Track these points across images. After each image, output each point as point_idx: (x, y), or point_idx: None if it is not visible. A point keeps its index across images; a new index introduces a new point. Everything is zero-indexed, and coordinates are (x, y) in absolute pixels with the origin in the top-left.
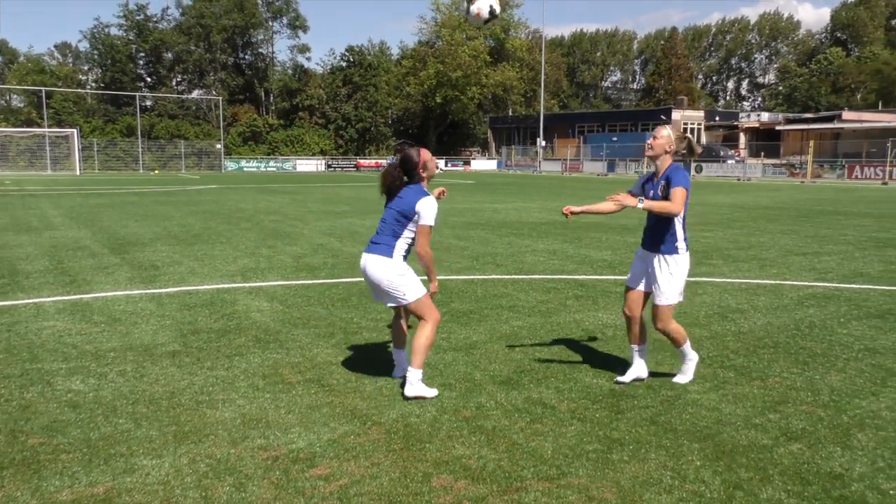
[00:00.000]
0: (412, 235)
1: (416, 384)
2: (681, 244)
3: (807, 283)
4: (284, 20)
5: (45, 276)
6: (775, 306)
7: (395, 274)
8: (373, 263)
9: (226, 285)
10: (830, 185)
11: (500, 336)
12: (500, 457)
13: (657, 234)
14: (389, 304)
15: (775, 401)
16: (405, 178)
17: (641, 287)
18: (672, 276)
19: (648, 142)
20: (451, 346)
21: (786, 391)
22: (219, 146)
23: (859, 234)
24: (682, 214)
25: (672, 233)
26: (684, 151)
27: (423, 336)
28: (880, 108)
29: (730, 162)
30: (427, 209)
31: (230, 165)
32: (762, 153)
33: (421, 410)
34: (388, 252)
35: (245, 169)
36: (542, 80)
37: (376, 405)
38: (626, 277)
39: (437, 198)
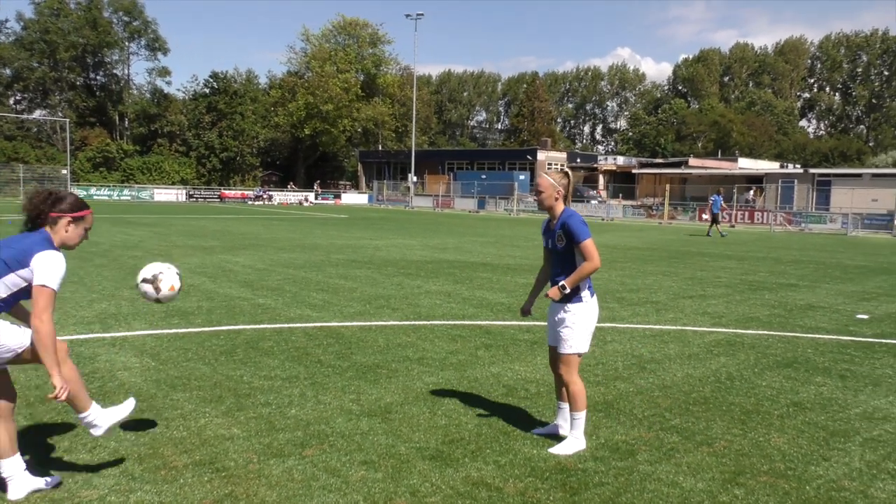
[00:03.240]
0: (9, 291)
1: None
2: (584, 291)
3: (707, 329)
4: (142, 41)
5: None
6: (687, 355)
7: None
8: None
9: (81, 336)
10: (685, 226)
11: (416, 396)
12: None
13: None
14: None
15: (732, 471)
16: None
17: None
18: (574, 324)
19: (534, 197)
20: (365, 411)
21: (738, 458)
22: (64, 172)
23: (731, 277)
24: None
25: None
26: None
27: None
28: (719, 156)
29: (593, 202)
30: (47, 264)
31: (78, 193)
32: (620, 195)
33: (345, 500)
34: None
35: (95, 197)
36: (414, 116)
37: (289, 495)
38: (530, 324)
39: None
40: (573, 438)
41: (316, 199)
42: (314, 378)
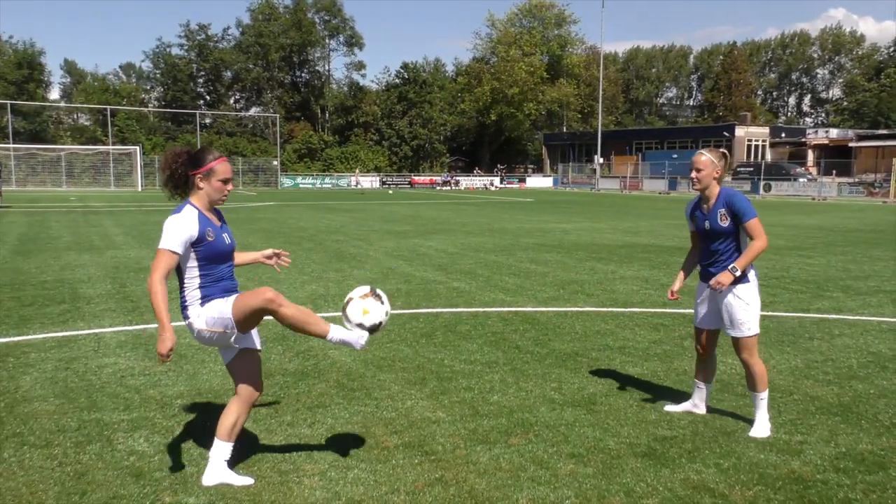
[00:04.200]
0: (196, 270)
1: (217, 465)
2: (751, 272)
3: None
4: (341, 38)
5: (106, 302)
6: None
7: (203, 329)
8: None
9: None
10: None
11: (621, 387)
12: None
13: (722, 267)
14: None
15: None
16: (183, 176)
17: (712, 325)
18: (749, 305)
19: (693, 175)
20: (568, 401)
21: None
22: (275, 163)
23: None
24: (739, 241)
25: (735, 261)
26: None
27: (233, 411)
28: None
29: (801, 180)
30: (165, 227)
31: (286, 182)
32: (834, 171)
33: (556, 495)
34: (184, 312)
35: (301, 185)
36: (600, 96)
37: (498, 485)
38: None
39: (271, 262)
40: (763, 421)
41: (501, 183)
42: (513, 364)
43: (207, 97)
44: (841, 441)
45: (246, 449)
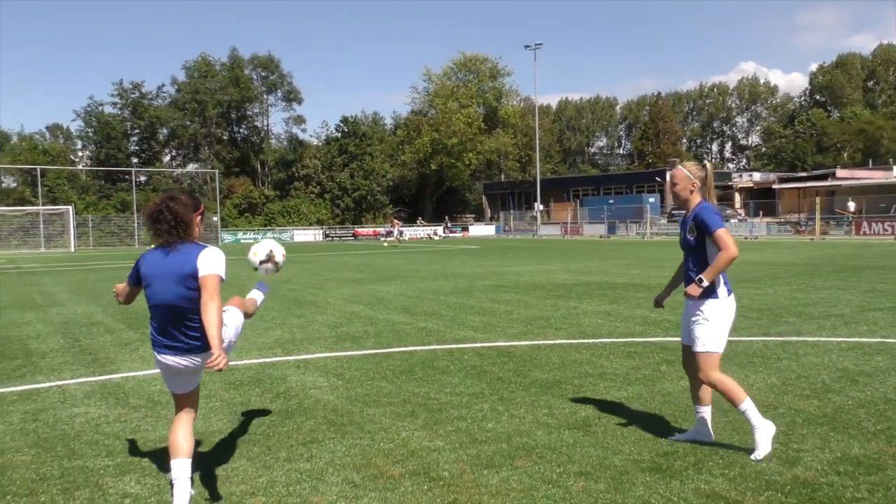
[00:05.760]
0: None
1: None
2: (720, 288)
3: None
4: (279, 93)
5: (63, 356)
6: None
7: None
8: (192, 363)
9: (267, 359)
10: (842, 241)
11: (611, 409)
12: None
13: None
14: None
15: None
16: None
17: (687, 340)
18: (708, 321)
19: (669, 189)
20: (563, 424)
21: None
22: (215, 219)
23: None
24: (708, 258)
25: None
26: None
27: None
28: (870, 165)
29: (732, 221)
30: (213, 257)
31: (227, 238)
32: (760, 212)
33: None
34: (202, 351)
35: (242, 241)
36: (537, 145)
37: None
38: None
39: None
40: (759, 430)
41: (444, 232)
42: (499, 394)
43: (142, 154)
44: (835, 447)
45: (247, 483)
